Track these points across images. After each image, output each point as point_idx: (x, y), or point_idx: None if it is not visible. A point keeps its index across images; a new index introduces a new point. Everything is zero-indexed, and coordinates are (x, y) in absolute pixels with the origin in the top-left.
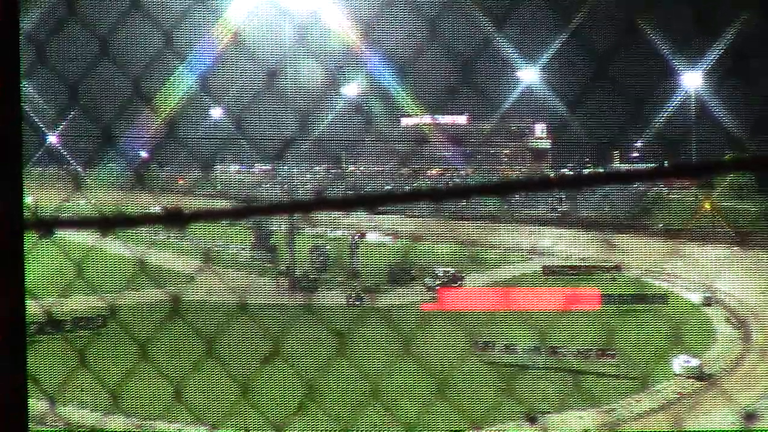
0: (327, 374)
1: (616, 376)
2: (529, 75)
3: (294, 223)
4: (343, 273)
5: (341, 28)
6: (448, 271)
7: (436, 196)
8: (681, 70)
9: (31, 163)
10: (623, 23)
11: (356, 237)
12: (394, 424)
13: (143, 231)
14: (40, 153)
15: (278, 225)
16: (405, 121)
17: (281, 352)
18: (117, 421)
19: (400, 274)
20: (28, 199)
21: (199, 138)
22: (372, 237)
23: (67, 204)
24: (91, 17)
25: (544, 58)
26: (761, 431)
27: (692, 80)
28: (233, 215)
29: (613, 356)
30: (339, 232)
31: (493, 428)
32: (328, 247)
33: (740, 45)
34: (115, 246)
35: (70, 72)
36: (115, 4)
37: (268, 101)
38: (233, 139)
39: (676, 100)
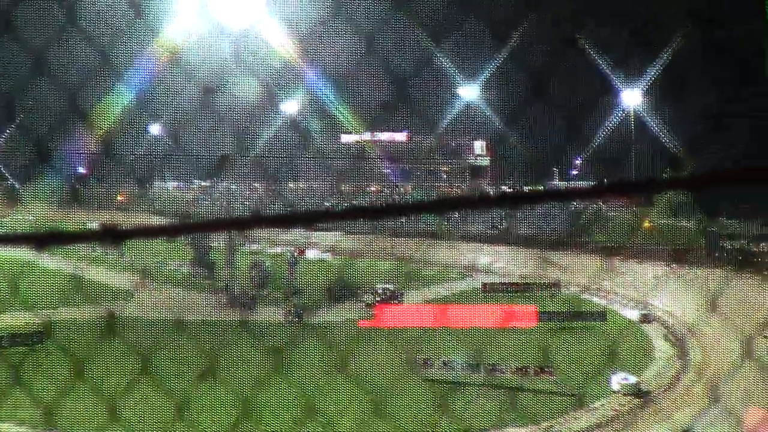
0: (264, 391)
1: (555, 393)
2: (469, 92)
3: (233, 239)
4: (281, 290)
5: (280, 45)
6: (387, 288)
7: (375, 213)
8: (620, 88)
9: None
10: (563, 42)
11: (295, 254)
12: None
13: (81, 247)
14: None
15: (217, 241)
16: (345, 138)
17: (218, 368)
18: None
19: (339, 291)
20: None
21: (138, 154)
22: (311, 254)
23: (4, 219)
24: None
25: (484, 76)
26: None
27: (631, 98)
28: (169, 232)
29: (551, 373)
30: (278, 249)
31: None
32: (267, 263)
33: (677, 63)
34: (53, 262)
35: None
36: (52, 22)
37: (206, 118)
38: (172, 155)
39: (615, 118)
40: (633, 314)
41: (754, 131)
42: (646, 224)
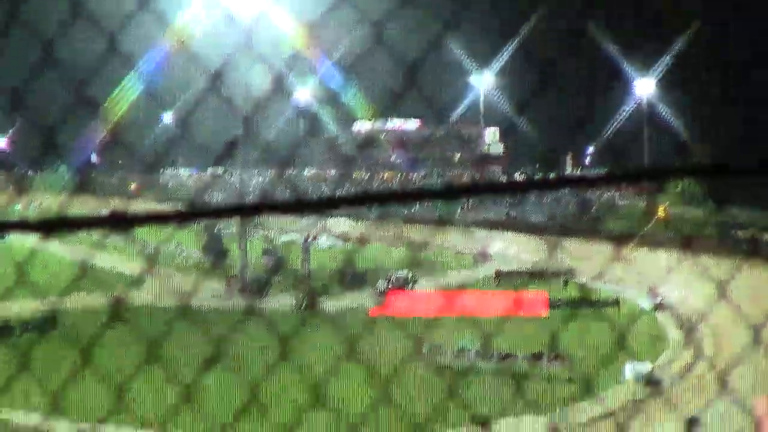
0: (274, 378)
1: (568, 381)
2: (482, 80)
3: (245, 226)
4: (294, 277)
5: (291, 32)
6: (400, 275)
7: (386, 199)
8: (633, 77)
9: None
10: (577, 31)
11: (308, 240)
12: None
13: (91, 234)
14: None
15: (229, 228)
16: (356, 126)
17: (229, 355)
18: (62, 425)
19: (351, 278)
20: None
21: (149, 142)
22: (323, 240)
23: (17, 207)
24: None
25: (497, 64)
26: None
27: (644, 87)
28: (179, 218)
29: (564, 361)
30: (290, 236)
31: None
32: (279, 250)
33: (690, 52)
34: (64, 249)
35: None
36: (60, 10)
37: (218, 107)
38: (183, 143)
39: (628, 107)
40: (646, 302)
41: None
42: (659, 212)
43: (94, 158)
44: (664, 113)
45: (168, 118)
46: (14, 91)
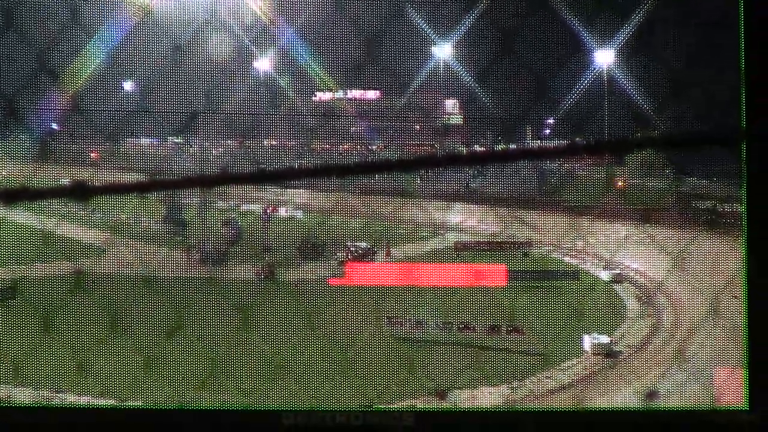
0: (233, 349)
1: (527, 353)
2: (441, 51)
3: (204, 196)
4: (253, 247)
5: (253, 1)
6: (359, 246)
7: (346, 170)
8: (593, 46)
9: None
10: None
11: (267, 211)
12: (300, 400)
13: (53, 203)
14: None
15: (189, 199)
16: (317, 96)
17: (187, 326)
18: (25, 393)
19: (312, 249)
20: None
21: (110, 110)
22: (283, 211)
23: None
24: None
25: (457, 34)
26: (662, 409)
27: (604, 57)
28: (139, 189)
29: (523, 332)
30: (250, 206)
31: (402, 403)
32: (238, 220)
33: (649, 23)
34: (24, 218)
35: None
36: None
37: (178, 75)
38: (143, 112)
39: (588, 77)
40: (605, 274)
41: (721, 95)
42: (619, 184)
43: (54, 126)
44: (624, 84)
45: (128, 86)
46: None
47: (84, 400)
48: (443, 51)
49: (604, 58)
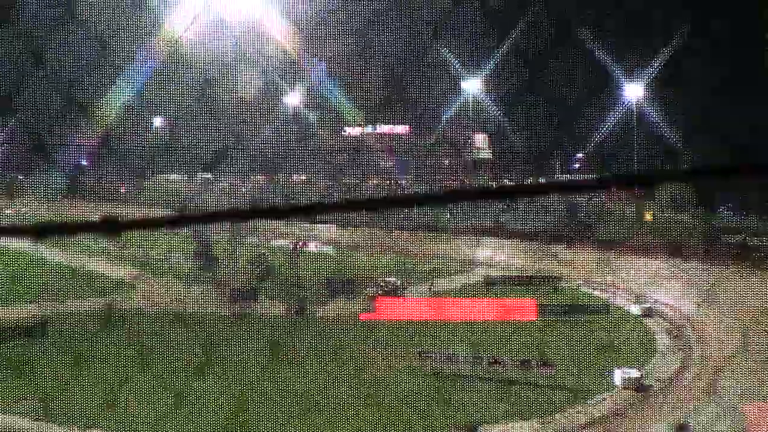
0: (265, 384)
1: (558, 387)
2: (471, 85)
3: (235, 232)
4: (283, 283)
5: (281, 37)
6: (390, 282)
7: (375, 205)
8: (622, 81)
9: None
10: (564, 36)
11: (297, 246)
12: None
13: (82, 239)
14: None
15: (219, 234)
16: (347, 131)
17: (219, 361)
18: (54, 430)
19: (342, 284)
20: None
21: (140, 146)
22: (313, 246)
23: (7, 212)
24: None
25: (487, 69)
26: None
27: (633, 91)
28: (169, 224)
29: (553, 367)
30: (280, 242)
31: None
32: (268, 256)
33: (678, 57)
34: (55, 254)
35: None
36: (50, 16)
37: (207, 111)
38: (172, 148)
39: (616, 112)
40: (635, 308)
41: (750, 127)
42: (648, 217)
43: (83, 162)
44: (653, 118)
45: (157, 122)
46: (3, 96)
47: None
48: (472, 86)
49: (633, 92)
